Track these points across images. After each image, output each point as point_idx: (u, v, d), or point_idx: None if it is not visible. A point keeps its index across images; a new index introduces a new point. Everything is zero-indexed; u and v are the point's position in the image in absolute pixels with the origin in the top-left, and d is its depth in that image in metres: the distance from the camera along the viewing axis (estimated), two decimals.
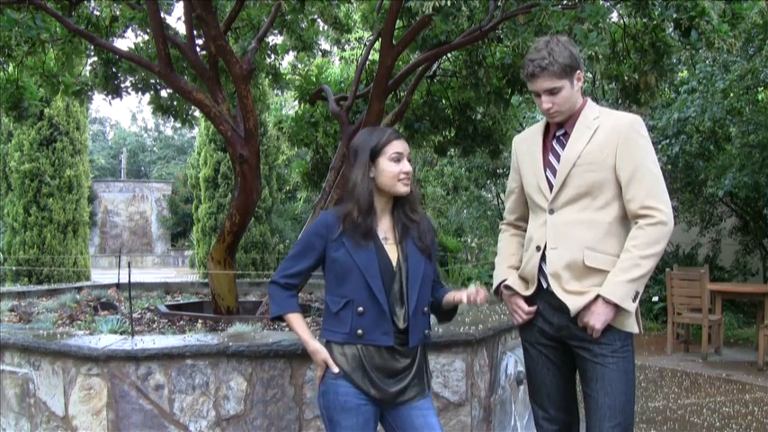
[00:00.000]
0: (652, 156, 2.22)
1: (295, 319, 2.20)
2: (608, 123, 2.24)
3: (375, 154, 2.17)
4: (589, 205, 2.22)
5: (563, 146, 2.28)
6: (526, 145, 2.41)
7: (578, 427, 2.42)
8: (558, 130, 2.32)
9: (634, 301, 2.15)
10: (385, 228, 2.20)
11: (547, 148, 2.34)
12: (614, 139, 2.20)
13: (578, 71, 2.24)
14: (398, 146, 2.17)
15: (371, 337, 2.09)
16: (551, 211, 2.27)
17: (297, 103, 5.64)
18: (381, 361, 2.10)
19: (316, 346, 2.16)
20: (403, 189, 2.17)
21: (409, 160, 2.21)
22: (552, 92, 2.22)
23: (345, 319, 2.11)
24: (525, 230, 2.45)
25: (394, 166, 2.16)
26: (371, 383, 2.09)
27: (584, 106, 2.30)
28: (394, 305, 2.13)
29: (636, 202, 2.17)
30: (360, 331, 2.09)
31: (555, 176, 2.26)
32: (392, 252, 2.17)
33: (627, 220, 2.23)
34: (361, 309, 2.09)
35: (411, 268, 2.15)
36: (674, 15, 3.24)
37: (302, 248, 2.20)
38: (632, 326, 2.21)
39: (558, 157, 2.28)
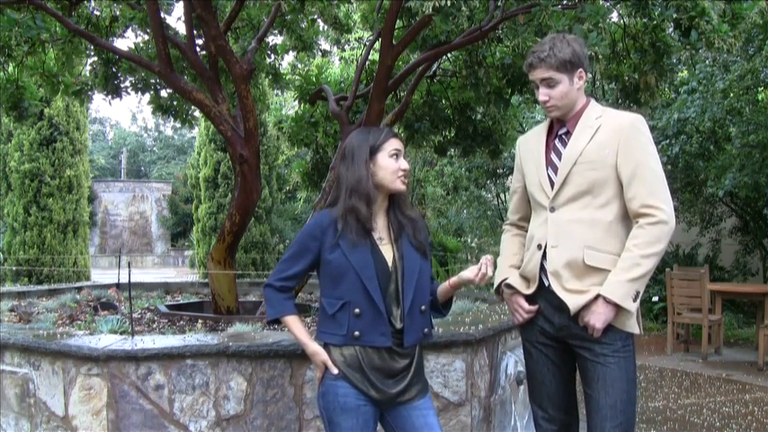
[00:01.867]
0: (654, 154, 2.22)
1: (292, 321, 2.19)
2: (610, 122, 2.24)
3: (374, 151, 2.18)
4: (590, 204, 2.22)
5: (565, 144, 2.28)
6: (530, 144, 2.42)
7: (578, 427, 2.42)
8: (560, 129, 2.32)
9: (635, 300, 2.14)
10: (380, 228, 2.20)
11: (549, 146, 2.34)
12: (616, 138, 2.20)
13: (580, 69, 2.25)
14: (396, 143, 2.21)
15: (369, 339, 2.08)
16: (552, 210, 2.27)
17: (297, 103, 5.64)
18: (380, 362, 2.10)
19: (315, 347, 2.15)
20: (401, 186, 2.19)
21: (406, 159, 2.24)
22: (549, 84, 2.23)
23: (342, 321, 2.10)
24: (527, 230, 2.45)
25: (393, 162, 2.18)
26: (371, 384, 2.09)
27: (588, 106, 2.31)
28: (390, 305, 2.12)
29: (637, 200, 2.17)
30: (357, 333, 2.08)
31: (556, 174, 2.27)
32: (387, 252, 2.16)
33: (628, 219, 2.22)
34: (357, 310, 2.08)
35: (407, 267, 2.14)
36: (674, 15, 3.24)
37: (297, 250, 2.18)
38: (633, 326, 2.21)
39: (559, 155, 2.28)
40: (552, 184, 2.27)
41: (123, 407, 2.64)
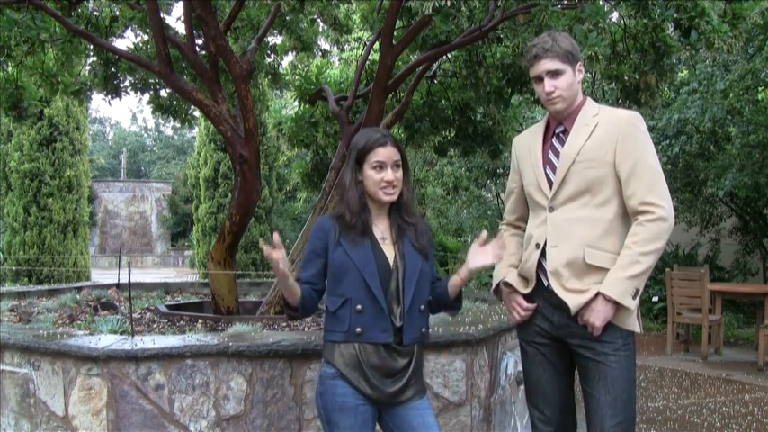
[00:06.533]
0: (651, 151, 2.22)
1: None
2: (607, 120, 2.24)
3: (360, 159, 2.18)
4: (589, 202, 2.22)
5: (562, 143, 2.28)
6: (526, 144, 2.41)
7: (575, 429, 2.40)
8: (557, 128, 2.32)
9: (634, 298, 2.14)
10: (382, 228, 2.21)
11: (546, 146, 2.34)
12: (613, 136, 2.20)
13: (579, 62, 2.26)
14: (381, 154, 2.14)
15: (371, 335, 2.09)
16: (551, 209, 2.26)
17: (297, 103, 5.64)
18: (378, 360, 2.10)
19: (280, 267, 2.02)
20: (385, 198, 2.16)
21: (399, 166, 2.16)
22: (555, 74, 2.22)
23: (344, 318, 2.11)
24: (524, 230, 2.45)
25: (375, 174, 2.15)
26: (368, 383, 2.09)
27: (584, 104, 2.31)
28: (391, 303, 2.13)
29: (636, 198, 2.17)
30: (359, 329, 2.09)
31: (555, 174, 2.26)
32: (389, 251, 2.17)
33: (627, 216, 2.22)
34: (359, 307, 2.09)
35: (408, 266, 2.15)
36: (674, 15, 3.25)
37: (309, 254, 2.20)
38: (633, 324, 2.21)
39: (557, 155, 2.28)
40: (551, 183, 2.27)
41: (123, 407, 2.64)
